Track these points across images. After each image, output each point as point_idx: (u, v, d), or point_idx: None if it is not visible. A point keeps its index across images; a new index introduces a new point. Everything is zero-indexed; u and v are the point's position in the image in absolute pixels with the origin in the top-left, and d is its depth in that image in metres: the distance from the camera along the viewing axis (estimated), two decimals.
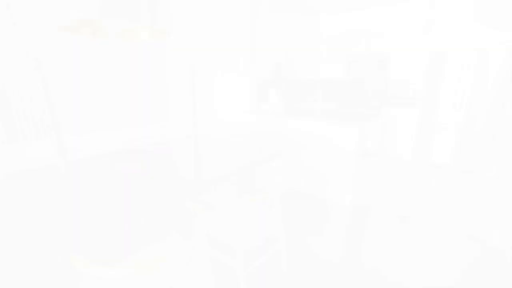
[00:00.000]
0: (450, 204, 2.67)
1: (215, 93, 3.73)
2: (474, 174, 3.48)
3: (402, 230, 2.23)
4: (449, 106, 3.50)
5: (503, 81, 3.17)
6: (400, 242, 2.07)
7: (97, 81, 2.57)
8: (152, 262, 0.78)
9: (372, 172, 3.08)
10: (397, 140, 4.14)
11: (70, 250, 1.99)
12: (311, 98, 5.38)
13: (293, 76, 4.96)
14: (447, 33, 3.44)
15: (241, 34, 3.16)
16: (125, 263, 1.20)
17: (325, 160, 2.76)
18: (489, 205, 2.61)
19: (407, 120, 3.98)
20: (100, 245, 2.06)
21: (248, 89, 3.31)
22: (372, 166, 3.02)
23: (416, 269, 1.78)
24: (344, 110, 4.54)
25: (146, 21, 1.10)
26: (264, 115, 3.16)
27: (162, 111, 3.14)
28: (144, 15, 1.08)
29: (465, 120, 3.41)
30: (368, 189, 3.01)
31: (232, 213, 1.69)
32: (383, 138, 4.27)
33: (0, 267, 0.72)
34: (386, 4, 4.07)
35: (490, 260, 1.84)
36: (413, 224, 2.32)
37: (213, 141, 2.16)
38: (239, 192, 2.03)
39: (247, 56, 3.20)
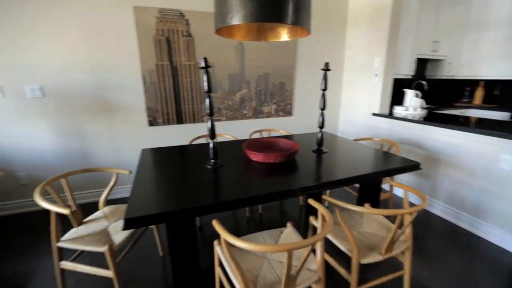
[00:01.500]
0: None
1: (344, 91, 3.54)
2: None
3: None
4: None
5: None
6: None
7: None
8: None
9: None
10: None
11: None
12: (463, 102, 4.28)
13: (439, 74, 4.06)
14: None
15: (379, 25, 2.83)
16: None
17: (474, 180, 2.14)
18: None
19: None
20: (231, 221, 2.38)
21: (381, 88, 2.97)
22: None
23: None
24: (506, 120, 3.39)
25: (290, 21, 1.15)
26: (399, 119, 2.75)
27: (289, 104, 3.30)
28: (289, 15, 1.14)
29: None
30: None
31: (352, 222, 1.59)
32: None
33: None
34: None
35: None
36: None
37: (337, 142, 2.08)
38: (360, 201, 1.88)
39: (383, 50, 2.86)
